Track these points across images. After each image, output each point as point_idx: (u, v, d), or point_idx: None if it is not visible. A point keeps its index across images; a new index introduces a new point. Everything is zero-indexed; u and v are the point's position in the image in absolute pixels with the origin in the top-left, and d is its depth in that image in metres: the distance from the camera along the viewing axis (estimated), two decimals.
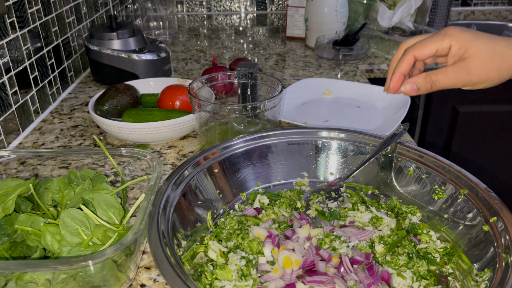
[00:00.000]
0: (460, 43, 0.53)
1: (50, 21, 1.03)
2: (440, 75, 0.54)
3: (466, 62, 0.53)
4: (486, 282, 0.48)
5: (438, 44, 0.54)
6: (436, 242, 0.58)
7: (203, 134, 0.79)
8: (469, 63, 0.53)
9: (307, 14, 1.44)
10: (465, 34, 0.53)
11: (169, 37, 1.62)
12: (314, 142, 0.72)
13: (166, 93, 0.90)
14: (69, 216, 0.52)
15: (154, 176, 0.58)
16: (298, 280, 0.50)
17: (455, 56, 0.54)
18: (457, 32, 0.53)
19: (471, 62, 0.53)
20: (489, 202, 0.54)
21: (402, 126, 0.68)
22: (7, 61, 0.84)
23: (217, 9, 1.99)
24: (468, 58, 0.53)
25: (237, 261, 0.52)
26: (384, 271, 0.52)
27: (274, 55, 1.41)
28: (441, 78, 0.54)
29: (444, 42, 0.53)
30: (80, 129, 0.93)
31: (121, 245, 0.46)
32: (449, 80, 0.54)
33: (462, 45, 0.53)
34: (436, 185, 0.62)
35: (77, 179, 0.64)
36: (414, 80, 0.55)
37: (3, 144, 0.83)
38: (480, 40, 0.52)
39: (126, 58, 1.08)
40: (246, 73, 0.82)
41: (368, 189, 0.69)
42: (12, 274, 0.47)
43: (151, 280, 0.55)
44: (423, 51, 0.54)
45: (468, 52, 0.53)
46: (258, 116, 0.77)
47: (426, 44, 0.55)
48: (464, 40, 0.53)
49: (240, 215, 0.61)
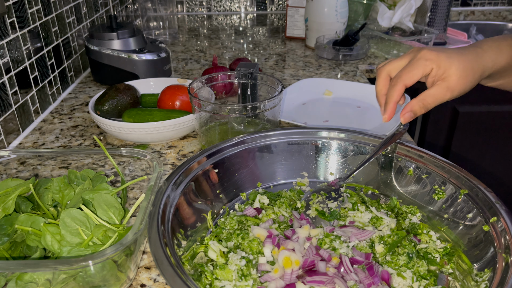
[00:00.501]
0: (438, 66, 0.58)
1: (50, 21, 1.03)
2: (429, 99, 0.60)
3: (446, 82, 0.58)
4: (486, 282, 0.48)
5: (424, 70, 0.59)
6: (436, 242, 0.58)
7: (203, 134, 0.79)
8: (449, 82, 0.58)
9: (307, 14, 1.44)
10: (440, 55, 0.58)
11: (169, 37, 1.62)
12: (314, 142, 0.72)
13: (166, 93, 0.90)
14: (69, 216, 0.52)
15: (154, 176, 0.58)
16: (298, 280, 0.50)
17: (435, 77, 0.59)
18: (433, 55, 0.58)
19: (451, 81, 0.58)
20: (489, 202, 0.54)
21: (402, 126, 0.68)
22: (7, 61, 0.84)
23: (217, 9, 1.99)
24: (447, 78, 0.58)
25: (237, 261, 0.52)
26: (384, 271, 0.52)
27: (274, 55, 1.41)
28: (431, 101, 0.60)
29: (427, 68, 0.58)
30: (80, 129, 0.93)
31: (121, 245, 0.46)
32: (437, 100, 0.60)
33: (441, 67, 0.58)
34: (436, 185, 0.62)
35: (77, 179, 0.64)
36: (410, 108, 0.61)
37: (3, 144, 0.83)
38: (453, 59, 0.58)
39: (126, 58, 1.08)
40: (246, 73, 0.82)
41: (368, 189, 0.69)
42: (12, 274, 0.47)
43: (151, 280, 0.55)
44: (413, 79, 0.60)
45: (446, 73, 0.58)
46: (258, 116, 0.77)
47: (412, 71, 0.59)
48: (442, 62, 0.58)
49: (240, 215, 0.61)
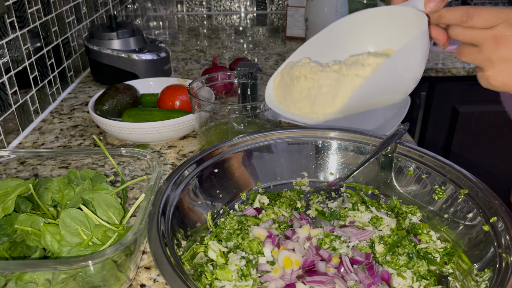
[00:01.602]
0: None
1: (50, 21, 1.03)
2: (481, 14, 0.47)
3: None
4: (486, 282, 0.48)
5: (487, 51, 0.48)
6: (436, 242, 0.58)
7: (203, 134, 0.79)
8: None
9: (307, 14, 1.44)
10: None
11: (169, 37, 1.62)
12: (314, 142, 0.71)
13: (166, 93, 0.90)
14: (69, 216, 0.52)
15: (154, 176, 0.58)
16: (298, 280, 0.50)
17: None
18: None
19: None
20: (489, 202, 0.54)
21: (402, 126, 0.68)
22: (7, 61, 0.84)
23: (217, 9, 1.99)
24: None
25: (237, 261, 0.52)
26: (384, 271, 0.52)
27: (274, 55, 1.41)
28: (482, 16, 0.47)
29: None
30: (80, 129, 0.93)
31: (121, 245, 0.46)
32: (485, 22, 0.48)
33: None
34: (436, 185, 0.62)
35: (77, 179, 0.64)
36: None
37: (3, 144, 0.83)
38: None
39: (126, 58, 1.08)
40: (246, 73, 0.82)
41: (368, 189, 0.69)
42: (12, 274, 0.47)
43: (151, 280, 0.55)
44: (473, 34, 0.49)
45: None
46: (258, 116, 0.77)
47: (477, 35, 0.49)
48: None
49: (240, 215, 0.61)
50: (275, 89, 0.55)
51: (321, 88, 0.49)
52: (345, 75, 0.48)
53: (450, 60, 1.39)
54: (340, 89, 0.47)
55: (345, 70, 0.48)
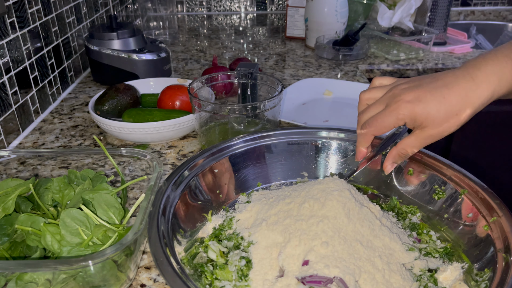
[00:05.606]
0: (414, 120, 0.54)
1: (50, 21, 1.03)
2: (408, 148, 0.57)
3: (425, 132, 0.54)
4: (486, 282, 0.48)
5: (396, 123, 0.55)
6: (436, 242, 0.58)
7: (203, 134, 0.79)
8: (428, 131, 0.54)
9: (307, 14, 1.44)
10: (416, 108, 0.53)
11: (169, 37, 1.62)
12: (314, 142, 0.72)
13: (166, 93, 0.90)
14: (69, 216, 0.52)
15: (154, 176, 0.58)
16: (298, 280, 0.50)
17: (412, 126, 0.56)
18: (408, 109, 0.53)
19: (430, 129, 0.54)
20: (489, 202, 0.54)
21: (402, 126, 0.68)
22: (7, 61, 0.84)
23: (217, 9, 1.99)
24: (426, 128, 0.54)
25: (237, 261, 0.52)
26: None
27: (274, 55, 1.41)
28: (410, 150, 0.57)
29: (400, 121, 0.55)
30: (80, 129, 0.93)
31: (121, 245, 0.46)
32: (417, 148, 0.57)
33: (416, 121, 0.54)
34: (436, 185, 0.62)
35: (77, 179, 0.64)
36: (391, 160, 0.60)
37: (3, 144, 0.83)
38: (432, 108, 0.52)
39: (126, 58, 1.08)
40: (246, 73, 0.82)
41: (368, 189, 0.69)
42: (12, 274, 0.47)
43: (151, 280, 0.55)
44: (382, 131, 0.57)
45: (424, 123, 0.53)
46: (258, 116, 0.77)
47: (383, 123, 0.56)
48: (417, 116, 0.53)
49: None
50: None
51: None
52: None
53: (450, 60, 1.39)
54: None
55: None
